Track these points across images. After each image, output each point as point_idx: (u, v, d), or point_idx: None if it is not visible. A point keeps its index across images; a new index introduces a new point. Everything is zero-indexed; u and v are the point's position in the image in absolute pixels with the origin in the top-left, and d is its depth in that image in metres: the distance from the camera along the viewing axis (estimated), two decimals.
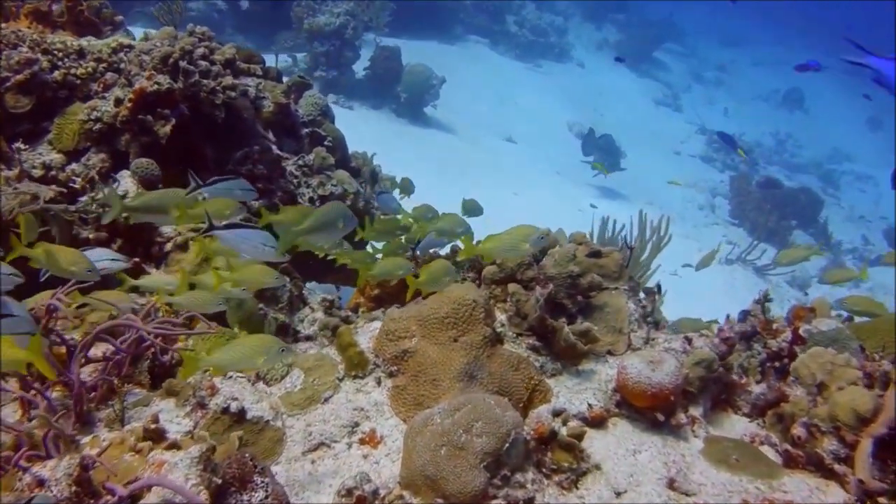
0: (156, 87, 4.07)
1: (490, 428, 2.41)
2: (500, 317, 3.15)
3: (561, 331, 2.93)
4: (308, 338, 3.54)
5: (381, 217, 5.04)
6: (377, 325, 3.17)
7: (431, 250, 4.14)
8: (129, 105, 4.03)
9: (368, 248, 4.13)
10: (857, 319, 4.26)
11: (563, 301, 3.17)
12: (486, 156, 12.09)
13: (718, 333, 3.23)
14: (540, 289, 3.04)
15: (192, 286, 3.07)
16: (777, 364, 3.50)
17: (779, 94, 24.41)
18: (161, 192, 3.22)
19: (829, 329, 3.44)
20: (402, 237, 3.86)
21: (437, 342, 2.86)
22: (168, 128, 4.10)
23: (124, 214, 3.09)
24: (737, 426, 3.11)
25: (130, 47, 4.54)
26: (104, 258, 3.03)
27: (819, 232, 13.29)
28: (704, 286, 9.50)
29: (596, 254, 3.35)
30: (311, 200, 4.92)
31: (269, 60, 11.81)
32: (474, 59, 16.65)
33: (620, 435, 2.85)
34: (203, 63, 4.33)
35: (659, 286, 3.62)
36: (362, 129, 10.99)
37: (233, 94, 4.38)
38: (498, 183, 11.01)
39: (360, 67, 12.42)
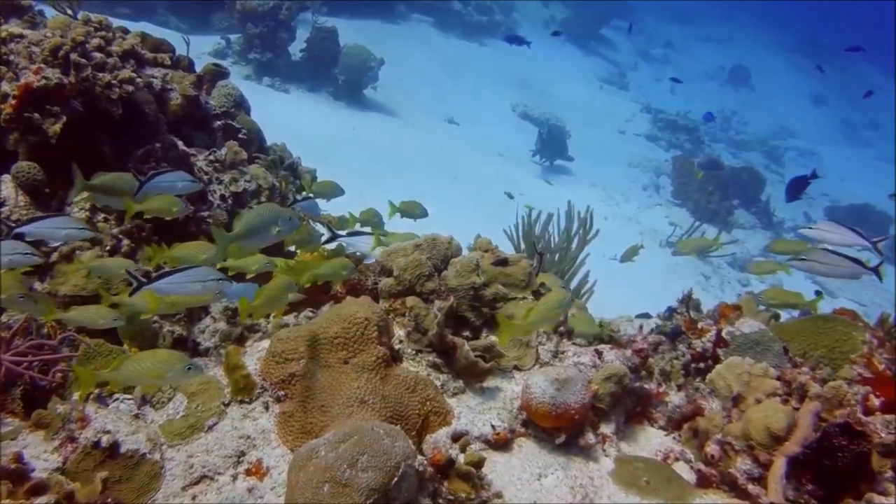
0: (44, 82, 3.79)
1: (377, 461, 2.22)
2: (399, 332, 2.95)
3: (461, 348, 2.74)
4: (208, 351, 3.33)
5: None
6: (267, 343, 2.95)
7: (350, 251, 3.93)
8: (13, 102, 3.74)
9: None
10: (792, 313, 4.17)
11: (466, 314, 2.99)
12: (427, 138, 11.87)
13: (631, 345, 3.08)
14: (439, 302, 2.85)
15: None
16: (702, 365, 3.38)
17: (725, 70, 24.45)
18: (115, 175, 3.30)
19: (752, 331, 3.32)
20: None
21: (326, 364, 2.66)
22: (58, 126, 3.83)
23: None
24: (652, 440, 2.96)
25: (22, 37, 4.24)
26: (16, 251, 2.90)
27: (761, 210, 13.31)
28: (645, 270, 9.39)
29: (502, 262, 3.16)
30: (223, 198, 4.68)
31: (203, 43, 11.54)
32: (417, 38, 16.37)
33: (525, 457, 2.68)
34: (97, 55, 4.05)
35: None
36: (298, 112, 10.72)
37: (130, 87, 4.11)
38: (438, 166, 10.80)
39: (296, 49, 12.09)
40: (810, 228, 3.58)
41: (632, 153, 15.23)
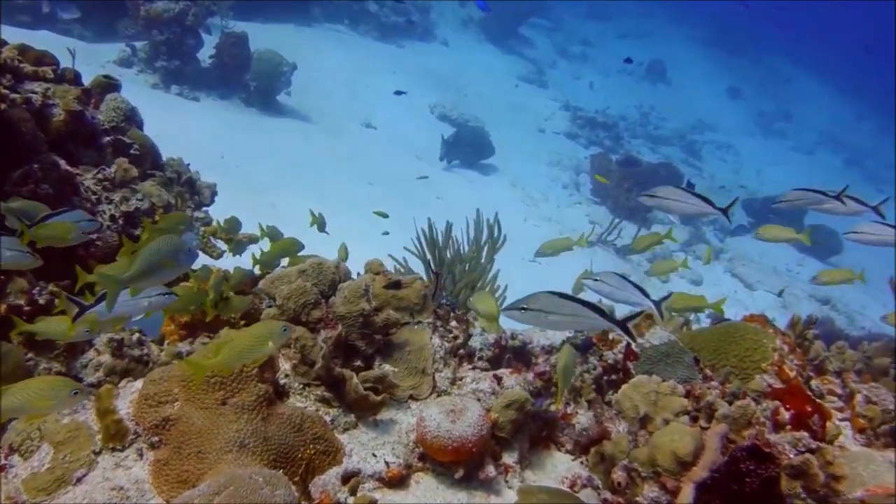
0: None
1: None
2: (285, 365, 2.75)
3: (350, 381, 2.56)
4: (93, 387, 3.08)
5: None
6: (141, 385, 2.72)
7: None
8: None
9: None
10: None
11: (356, 343, 2.80)
12: (343, 144, 11.61)
13: (532, 368, 2.93)
14: (325, 332, 2.66)
15: None
16: (614, 377, 3.27)
17: (642, 66, 24.68)
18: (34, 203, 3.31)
19: (662, 342, 3.22)
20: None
21: (202, 406, 2.45)
22: None
23: None
24: (559, 466, 2.82)
25: None
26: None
27: None
28: (565, 271, 9.28)
29: (395, 284, 2.99)
30: (113, 218, 4.42)
31: (109, 51, 11.10)
32: (333, 41, 16.07)
33: (423, 494, 2.51)
34: None
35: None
36: (208, 121, 10.41)
37: (2, 105, 3.84)
38: (354, 172, 10.58)
39: (205, 55, 11.72)
40: (595, 280, 3.33)
41: (552, 151, 15.18)
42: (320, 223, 4.73)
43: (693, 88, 24.33)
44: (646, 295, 3.05)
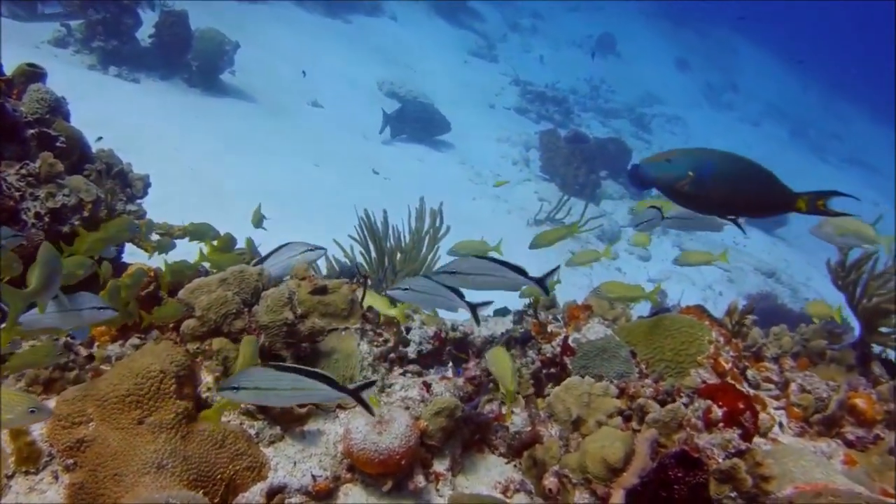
0: None
1: None
2: (208, 378, 2.66)
3: None
4: None
5: None
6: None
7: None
8: None
9: None
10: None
11: (281, 352, 2.73)
12: (288, 124, 11.43)
13: (463, 373, 2.89)
14: None
15: None
16: (552, 370, 3.24)
17: (592, 39, 24.67)
18: None
19: (598, 338, 3.19)
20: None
21: (118, 426, 2.36)
22: None
23: None
24: (492, 470, 2.78)
25: None
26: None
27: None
28: (511, 251, 9.27)
29: (321, 290, 2.92)
30: (38, 216, 4.27)
31: (42, 30, 10.77)
32: (279, 17, 15.78)
33: None
34: None
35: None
36: (149, 103, 10.16)
37: None
38: (299, 153, 10.42)
39: (145, 34, 11.42)
40: (404, 290, 3.01)
41: (501, 127, 15.10)
42: (257, 219, 4.61)
43: (642, 61, 24.43)
44: (462, 297, 2.79)
